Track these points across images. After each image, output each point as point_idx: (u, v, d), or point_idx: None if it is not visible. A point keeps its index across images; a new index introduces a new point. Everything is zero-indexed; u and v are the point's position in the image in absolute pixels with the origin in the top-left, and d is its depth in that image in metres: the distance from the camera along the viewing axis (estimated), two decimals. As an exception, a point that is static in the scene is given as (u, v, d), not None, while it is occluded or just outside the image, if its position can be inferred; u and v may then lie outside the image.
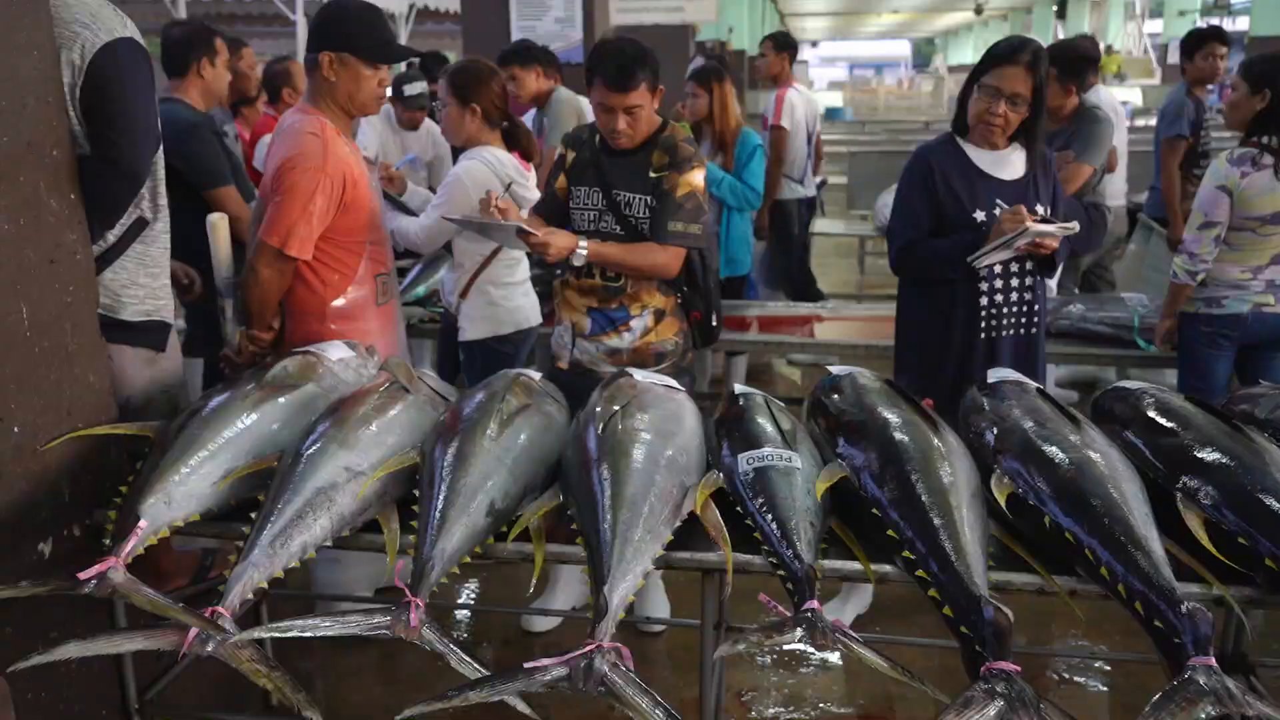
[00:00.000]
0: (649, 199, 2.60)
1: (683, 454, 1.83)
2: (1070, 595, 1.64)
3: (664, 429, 1.87)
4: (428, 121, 4.80)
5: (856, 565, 1.70)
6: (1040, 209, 2.63)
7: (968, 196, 2.64)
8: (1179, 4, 20.12)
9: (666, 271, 2.66)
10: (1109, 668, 2.85)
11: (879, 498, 1.68)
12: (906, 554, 1.59)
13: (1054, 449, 1.72)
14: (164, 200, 2.22)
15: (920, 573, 1.55)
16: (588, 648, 1.44)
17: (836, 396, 2.01)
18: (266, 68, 4.73)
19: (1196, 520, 1.61)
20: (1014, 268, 2.67)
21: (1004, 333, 2.71)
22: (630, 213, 2.63)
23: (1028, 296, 2.72)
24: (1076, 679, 2.79)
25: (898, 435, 1.77)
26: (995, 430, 1.86)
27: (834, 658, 2.85)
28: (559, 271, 2.82)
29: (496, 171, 3.04)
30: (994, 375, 2.10)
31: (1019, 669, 1.38)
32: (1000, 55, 2.58)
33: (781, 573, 1.60)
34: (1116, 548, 1.52)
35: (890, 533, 1.63)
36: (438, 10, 10.71)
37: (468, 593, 3.34)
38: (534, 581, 1.70)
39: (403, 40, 10.25)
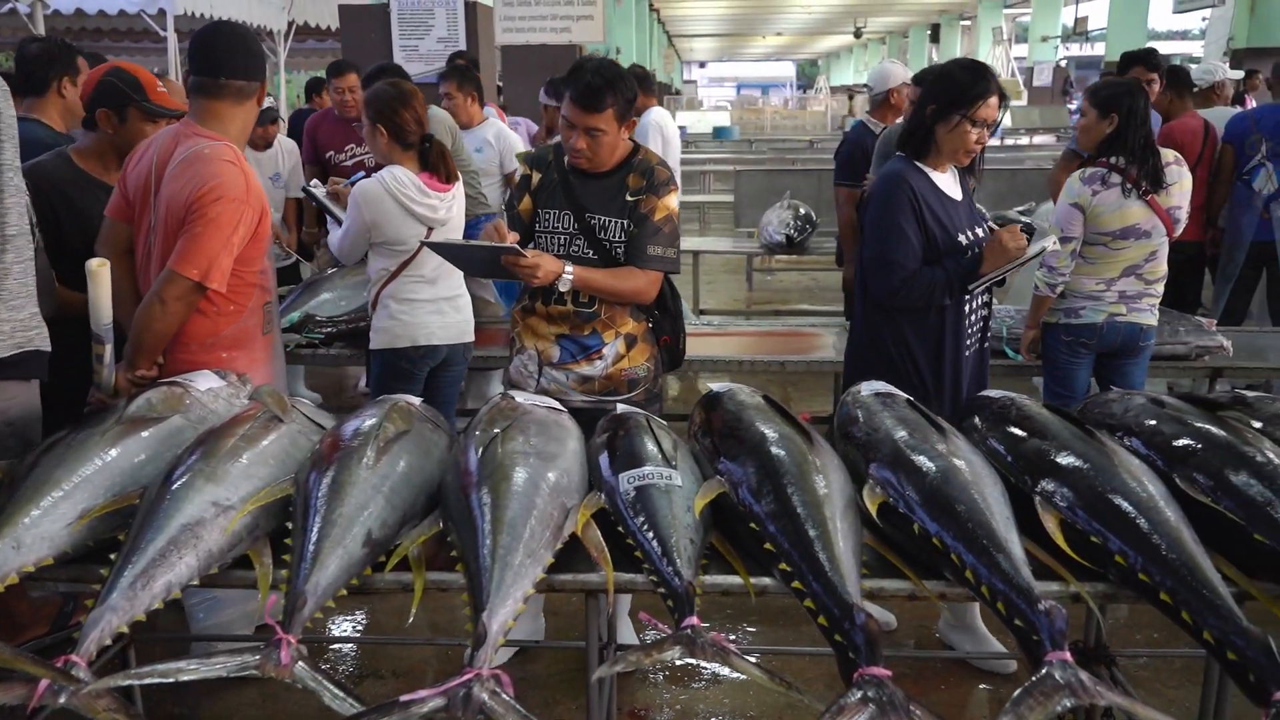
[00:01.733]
0: (625, 222, 2.60)
1: (564, 475, 1.83)
2: (940, 598, 1.70)
3: (545, 451, 1.86)
4: (280, 139, 5.02)
5: (737, 580, 1.73)
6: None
7: (948, 220, 2.68)
8: (1042, 30, 21.24)
9: (646, 297, 2.66)
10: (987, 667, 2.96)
11: (756, 512, 1.70)
12: (783, 566, 1.62)
13: (922, 458, 1.78)
14: (14, 230, 2.10)
15: (796, 584, 1.58)
16: (466, 676, 1.42)
17: (716, 413, 2.04)
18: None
19: (1053, 521, 1.68)
20: None
21: (972, 348, 2.78)
22: (605, 236, 2.61)
23: (984, 312, 2.82)
24: (954, 678, 2.88)
25: (774, 450, 1.80)
26: (868, 441, 1.92)
27: (727, 671, 2.87)
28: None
29: (390, 189, 3.08)
30: (867, 388, 2.16)
31: (889, 673, 1.41)
32: (979, 88, 2.59)
33: (662, 590, 1.61)
34: (980, 551, 1.58)
35: (768, 546, 1.66)
36: (318, 27, 10.48)
37: (352, 625, 3.26)
38: (413, 611, 1.66)
39: (282, 59, 10.02)
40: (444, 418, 2.17)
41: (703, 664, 2.90)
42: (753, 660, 1.50)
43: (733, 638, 3.15)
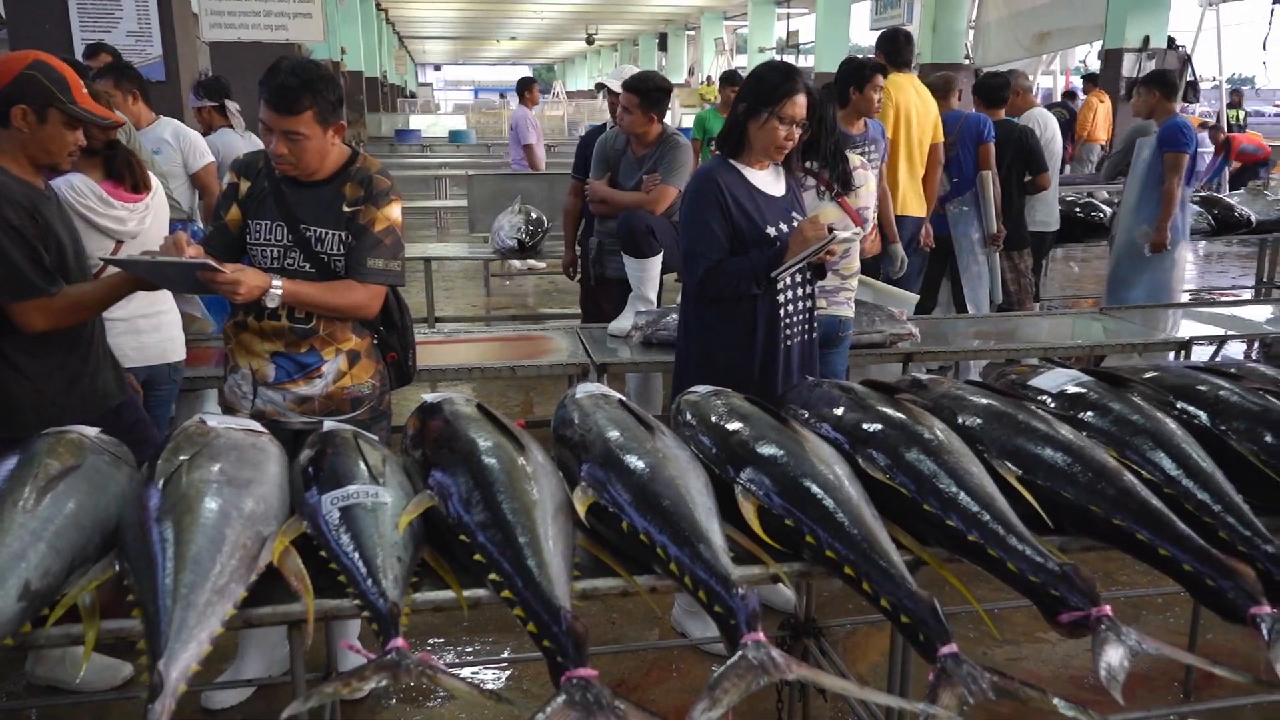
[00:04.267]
0: (343, 234, 2.46)
1: (261, 502, 1.71)
2: (650, 592, 1.74)
3: (238, 477, 1.74)
4: None
5: (451, 594, 1.69)
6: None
7: (757, 214, 2.79)
8: (759, 42, 22.62)
9: (367, 311, 2.52)
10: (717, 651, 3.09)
11: (466, 523, 1.67)
12: (493, 576, 1.60)
13: (630, 457, 1.81)
14: None
15: (506, 593, 1.57)
16: (141, 733, 1.29)
17: (428, 424, 1.98)
18: None
19: (751, 508, 1.77)
20: (798, 277, 2.85)
21: (794, 340, 2.88)
22: (322, 249, 2.46)
23: (809, 304, 2.93)
24: (685, 665, 2.99)
25: (485, 459, 1.78)
26: (580, 442, 1.94)
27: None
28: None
29: (67, 200, 2.77)
30: (581, 390, 2.19)
31: (596, 673, 1.43)
32: (786, 86, 2.74)
33: (367, 613, 1.54)
34: (682, 543, 1.63)
35: (478, 557, 1.63)
36: (-12, 16, 9.29)
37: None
38: (83, 667, 1.49)
39: (-56, 50, 8.82)
40: (133, 447, 1.98)
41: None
42: (462, 676, 1.47)
43: (472, 649, 3.10)
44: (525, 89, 9.76)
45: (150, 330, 3.03)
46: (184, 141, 4.60)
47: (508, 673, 3.05)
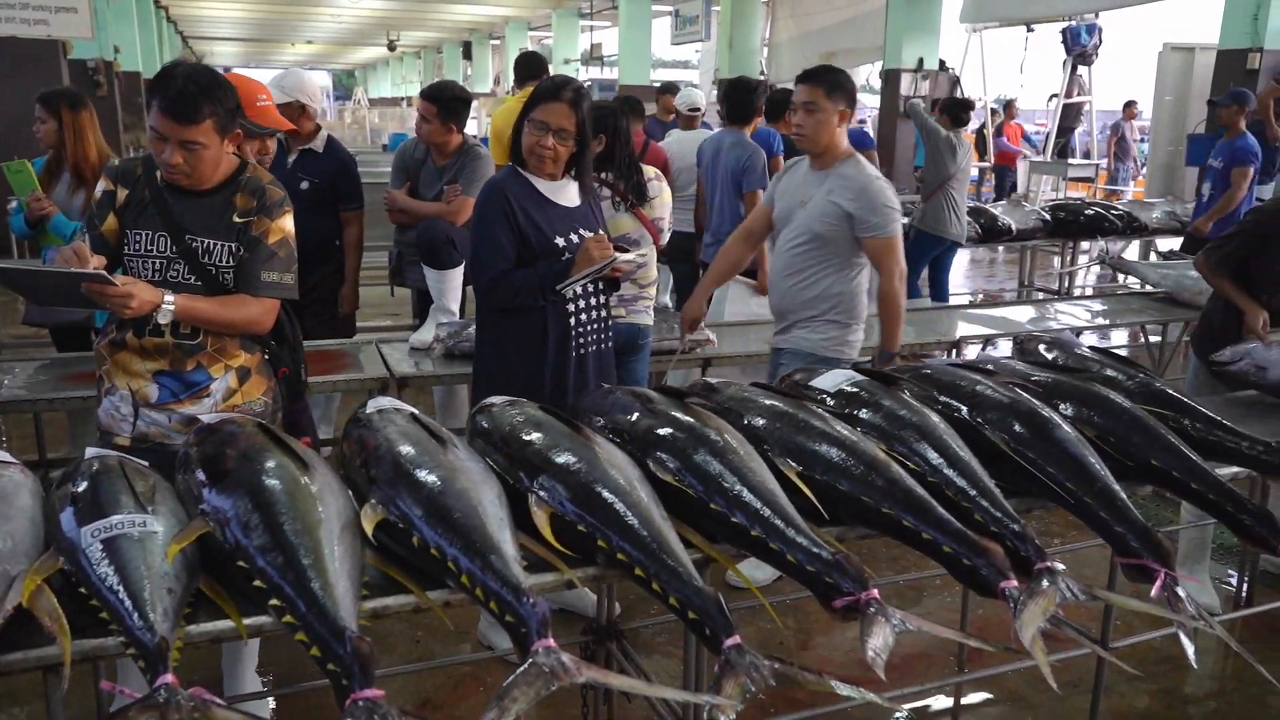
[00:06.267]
0: (234, 245, 2.31)
1: (8, 539, 1.58)
2: (444, 606, 1.72)
3: (-19, 512, 1.59)
4: None
5: (229, 624, 1.61)
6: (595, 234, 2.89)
7: (546, 224, 2.81)
8: (564, 54, 22.80)
9: (261, 326, 2.38)
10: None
11: (245, 547, 1.60)
12: (274, 601, 1.54)
13: (420, 471, 1.79)
14: None
15: (288, 618, 1.51)
16: None
17: (205, 446, 1.88)
18: None
19: (544, 516, 1.79)
20: (590, 288, 2.89)
21: (588, 349, 2.90)
22: (210, 261, 2.31)
23: (602, 314, 2.96)
24: (492, 678, 2.96)
25: (265, 480, 1.71)
26: (370, 459, 1.89)
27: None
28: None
29: None
30: (372, 405, 2.14)
31: (383, 693, 1.40)
32: (545, 93, 2.78)
33: (132, 650, 1.45)
34: (474, 554, 1.63)
35: (257, 582, 1.56)
36: None
37: None
38: None
39: None
40: None
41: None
42: (234, 709, 1.41)
43: (266, 680, 2.96)
44: None
45: None
46: None
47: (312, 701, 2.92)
